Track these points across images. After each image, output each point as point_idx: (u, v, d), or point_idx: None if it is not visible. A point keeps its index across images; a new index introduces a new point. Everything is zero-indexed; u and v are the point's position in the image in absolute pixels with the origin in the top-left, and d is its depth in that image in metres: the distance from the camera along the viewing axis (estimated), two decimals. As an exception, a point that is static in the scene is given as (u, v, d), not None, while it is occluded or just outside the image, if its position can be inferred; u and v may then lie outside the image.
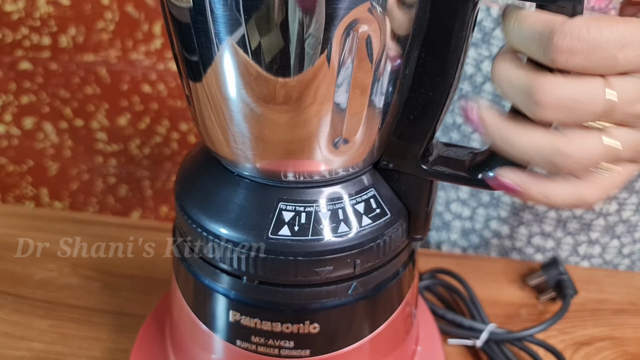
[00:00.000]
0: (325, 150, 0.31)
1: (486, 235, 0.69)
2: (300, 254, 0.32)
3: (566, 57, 0.26)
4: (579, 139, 0.28)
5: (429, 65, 0.30)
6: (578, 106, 0.27)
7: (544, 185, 0.30)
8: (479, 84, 0.62)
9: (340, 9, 0.26)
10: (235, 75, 0.29)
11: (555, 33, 0.26)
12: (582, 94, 0.27)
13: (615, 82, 0.27)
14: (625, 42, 0.26)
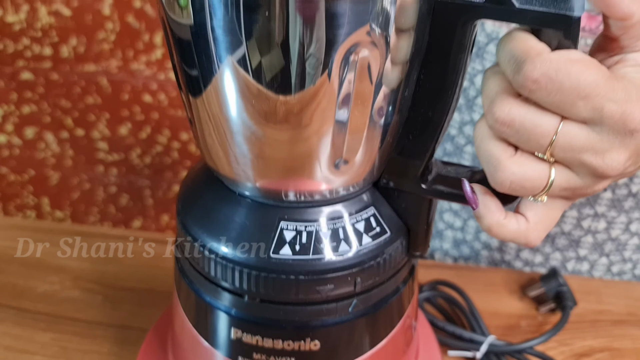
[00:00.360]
0: (325, 170, 0.32)
1: (476, 247, 0.70)
2: (302, 273, 0.33)
3: (530, 87, 0.27)
4: (523, 160, 0.29)
5: (428, 86, 0.31)
6: (527, 133, 0.28)
7: (498, 215, 0.32)
8: (471, 98, 0.62)
9: (340, 34, 0.27)
10: (236, 93, 0.30)
11: (526, 63, 0.27)
12: (533, 124, 0.28)
13: (571, 126, 0.28)
14: (588, 92, 0.27)
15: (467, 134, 0.65)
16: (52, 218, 1.26)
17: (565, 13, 0.27)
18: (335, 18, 0.26)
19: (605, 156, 0.28)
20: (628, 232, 0.63)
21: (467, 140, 0.65)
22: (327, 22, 0.26)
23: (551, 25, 0.28)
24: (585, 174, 0.29)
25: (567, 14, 0.27)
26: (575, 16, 0.27)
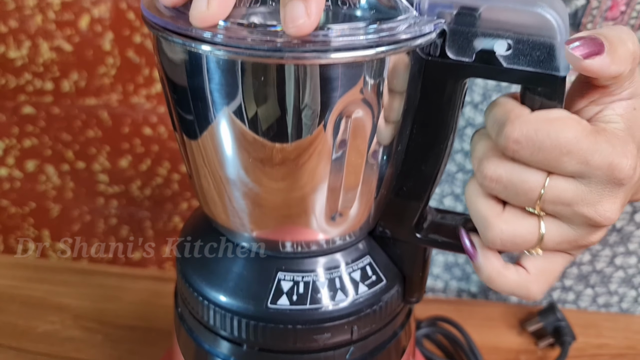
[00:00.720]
0: (322, 222, 0.33)
1: (467, 270, 0.70)
2: (299, 323, 0.33)
3: (513, 148, 0.28)
4: (510, 218, 0.30)
5: (420, 140, 0.32)
6: (515, 188, 0.29)
7: (498, 265, 0.32)
8: (460, 127, 0.63)
9: (334, 96, 0.28)
10: (232, 144, 0.31)
11: (507, 125, 0.28)
12: (520, 180, 0.29)
13: (558, 181, 0.29)
14: (570, 149, 0.27)
15: (457, 162, 0.65)
16: (52, 250, 1.26)
17: (551, 73, 0.28)
18: (329, 82, 0.27)
19: (597, 207, 0.29)
20: (613, 265, 0.64)
21: (458, 168, 0.66)
22: (322, 86, 0.27)
23: (538, 84, 0.28)
24: (579, 225, 0.30)
25: (553, 74, 0.28)
26: (560, 75, 0.28)
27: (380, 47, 0.27)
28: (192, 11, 0.27)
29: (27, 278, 0.68)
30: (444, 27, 0.29)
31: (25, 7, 1.01)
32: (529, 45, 0.28)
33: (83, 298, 0.64)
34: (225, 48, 0.27)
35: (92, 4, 1.00)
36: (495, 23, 0.28)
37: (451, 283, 0.72)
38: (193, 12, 0.27)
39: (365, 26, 0.27)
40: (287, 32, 0.25)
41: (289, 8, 0.25)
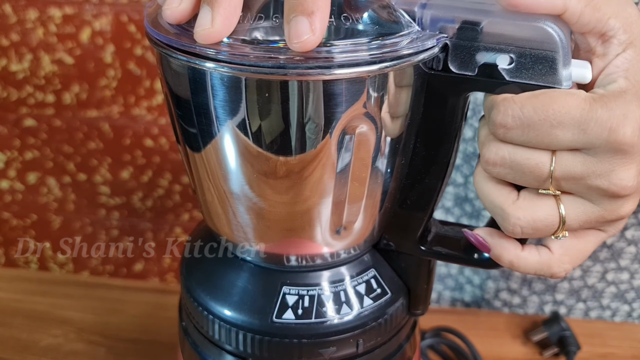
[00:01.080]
0: (327, 236, 0.33)
1: (460, 280, 0.70)
2: (304, 337, 0.33)
3: (503, 131, 0.28)
4: (527, 204, 0.29)
5: (424, 154, 0.32)
6: (520, 168, 0.28)
7: (514, 249, 0.31)
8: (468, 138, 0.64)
9: (337, 112, 0.28)
10: (235, 161, 0.31)
11: (492, 108, 0.28)
12: (524, 158, 0.28)
13: (563, 156, 0.28)
14: (560, 120, 0.27)
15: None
16: (54, 262, 1.26)
17: (553, 85, 0.28)
18: (333, 97, 0.27)
19: (611, 176, 0.27)
20: (604, 281, 0.63)
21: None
22: (325, 101, 0.27)
23: (540, 97, 0.29)
24: (598, 199, 0.29)
25: (555, 87, 0.28)
26: (563, 88, 0.28)
27: (383, 63, 0.27)
28: (196, 28, 0.27)
29: (30, 291, 0.67)
30: (447, 41, 0.29)
31: (27, 21, 1.02)
32: (531, 59, 0.28)
33: (86, 311, 0.64)
34: (229, 65, 0.27)
35: (93, 17, 1.01)
36: (498, 37, 0.28)
37: (444, 293, 0.72)
38: (197, 29, 0.27)
39: (368, 42, 0.27)
40: (291, 48, 0.26)
41: (294, 24, 0.25)
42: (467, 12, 0.29)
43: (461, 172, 0.66)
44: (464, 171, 0.65)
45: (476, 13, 0.29)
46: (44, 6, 1.00)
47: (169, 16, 0.29)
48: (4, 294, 0.67)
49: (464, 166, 0.65)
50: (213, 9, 0.26)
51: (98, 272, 1.26)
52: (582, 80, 0.29)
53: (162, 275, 1.25)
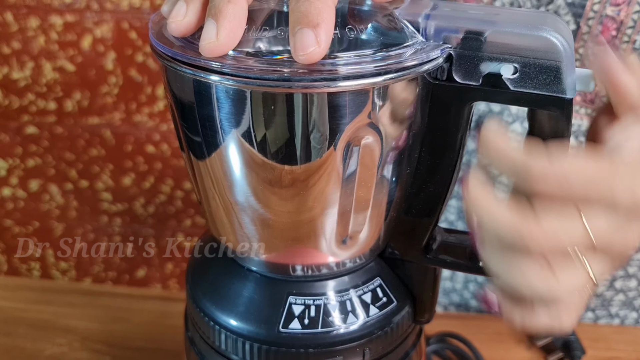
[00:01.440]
0: (332, 246, 0.33)
1: (466, 296, 0.70)
2: (311, 346, 0.33)
3: (545, 200, 0.27)
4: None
5: (429, 163, 0.32)
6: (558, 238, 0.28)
7: (525, 311, 0.31)
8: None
9: (342, 123, 0.28)
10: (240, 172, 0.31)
11: (529, 178, 0.27)
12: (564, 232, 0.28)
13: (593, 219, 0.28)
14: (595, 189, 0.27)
15: None
16: (56, 269, 1.26)
17: (558, 95, 0.28)
18: (337, 108, 0.27)
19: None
20: (613, 289, 0.63)
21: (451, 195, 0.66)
22: (330, 112, 0.28)
23: (545, 107, 0.29)
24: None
25: (559, 96, 0.28)
26: (567, 97, 0.28)
27: (388, 74, 0.27)
28: (201, 42, 0.27)
29: (34, 300, 0.68)
30: (451, 51, 0.29)
31: (28, 29, 1.02)
32: (535, 69, 0.28)
33: (90, 320, 0.64)
34: (234, 78, 0.27)
35: (94, 24, 1.01)
36: (502, 47, 0.28)
37: (450, 308, 0.72)
38: (202, 42, 0.27)
39: (373, 53, 0.27)
40: (297, 60, 0.26)
41: (299, 36, 0.25)
42: (470, 22, 0.29)
43: None
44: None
45: (480, 23, 0.29)
46: (45, 14, 1.01)
47: (173, 29, 0.29)
48: (7, 303, 0.67)
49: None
50: (218, 22, 0.26)
51: (100, 279, 1.26)
52: (586, 89, 0.29)
53: (164, 282, 1.25)
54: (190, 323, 0.38)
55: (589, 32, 0.52)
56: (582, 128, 0.56)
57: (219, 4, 0.26)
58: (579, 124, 0.56)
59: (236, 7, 0.27)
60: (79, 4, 1.00)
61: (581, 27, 0.52)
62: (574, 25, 0.52)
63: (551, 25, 0.28)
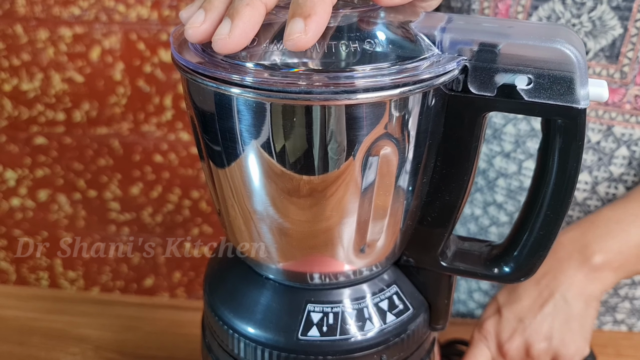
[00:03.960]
0: (350, 254, 0.33)
1: (471, 306, 0.71)
2: (329, 354, 0.34)
3: None
4: None
5: (444, 172, 0.32)
6: None
7: None
8: (492, 179, 0.64)
9: (360, 134, 0.29)
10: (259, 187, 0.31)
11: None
12: None
13: None
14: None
15: (491, 215, 0.66)
16: (64, 278, 1.27)
17: (571, 105, 0.29)
18: (355, 120, 0.28)
19: None
20: (617, 296, 0.64)
21: (492, 222, 0.66)
22: (347, 123, 0.28)
23: (558, 116, 0.29)
24: None
25: (573, 106, 0.29)
26: (581, 107, 0.29)
27: (406, 87, 0.27)
28: (214, 36, 0.27)
29: (46, 309, 0.68)
30: (466, 63, 0.29)
31: (38, 41, 1.03)
32: (549, 80, 0.29)
33: (103, 329, 0.65)
34: (256, 91, 0.28)
35: (103, 35, 1.02)
36: (516, 58, 0.29)
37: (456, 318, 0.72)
38: (215, 37, 0.27)
39: (390, 66, 0.28)
40: (286, 46, 0.26)
41: (290, 25, 0.26)
42: (485, 35, 0.30)
43: (505, 210, 0.65)
44: (509, 208, 0.64)
45: (494, 36, 0.29)
46: (54, 26, 1.02)
47: (191, 35, 0.29)
48: (21, 313, 0.67)
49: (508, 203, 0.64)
50: (233, 21, 0.27)
51: (108, 288, 1.26)
52: (600, 99, 0.30)
53: (172, 291, 1.25)
54: (207, 331, 0.39)
55: (638, 34, 0.52)
56: (633, 137, 0.56)
57: (238, 5, 0.27)
58: (630, 133, 0.56)
59: (253, 10, 0.27)
60: (88, 15, 1.01)
61: (629, 30, 0.52)
62: (621, 29, 0.52)
63: (564, 37, 0.29)
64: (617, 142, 0.57)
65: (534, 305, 0.51)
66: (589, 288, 0.51)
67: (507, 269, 0.34)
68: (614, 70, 0.54)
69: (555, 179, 0.32)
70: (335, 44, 0.29)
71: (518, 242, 0.34)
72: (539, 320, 0.50)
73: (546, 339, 0.51)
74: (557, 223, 0.33)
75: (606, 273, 0.51)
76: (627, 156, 0.57)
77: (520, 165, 0.61)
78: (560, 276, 0.51)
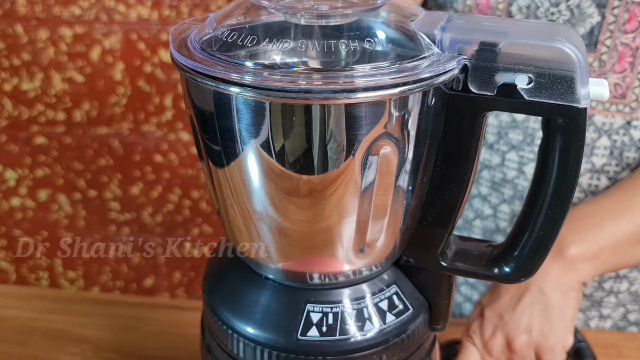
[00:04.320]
0: (349, 254, 0.33)
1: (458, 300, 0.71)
2: (329, 354, 0.33)
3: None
4: None
5: (444, 172, 0.32)
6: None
7: None
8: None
9: (360, 134, 0.28)
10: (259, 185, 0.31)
11: None
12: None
13: None
14: None
15: (475, 208, 0.66)
16: (64, 278, 1.27)
17: (572, 104, 0.29)
18: (354, 119, 0.28)
19: None
20: (602, 290, 0.64)
21: (476, 215, 0.66)
22: (347, 122, 0.28)
23: (559, 116, 0.29)
24: None
25: (574, 105, 0.29)
26: (581, 106, 0.29)
27: (405, 86, 0.27)
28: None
29: (46, 309, 0.68)
30: (466, 62, 0.29)
31: (38, 41, 1.03)
32: (549, 79, 0.28)
33: (102, 329, 0.65)
34: (255, 90, 0.27)
35: (103, 35, 1.02)
36: (516, 58, 0.29)
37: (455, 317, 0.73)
38: None
39: (389, 65, 0.28)
40: None
41: None
42: (485, 34, 0.29)
43: (489, 202, 0.65)
44: (493, 200, 0.65)
45: (494, 35, 0.29)
46: (54, 26, 1.02)
47: None
48: (20, 313, 0.67)
49: (492, 195, 0.65)
50: None
51: (108, 288, 1.26)
52: (600, 98, 0.29)
53: (172, 291, 1.25)
54: (207, 331, 0.39)
55: (615, 21, 0.52)
56: (614, 126, 0.56)
57: None
58: (610, 122, 0.56)
59: None
60: (88, 15, 1.01)
61: (606, 17, 0.52)
62: (598, 17, 0.52)
63: (564, 36, 0.28)
64: (598, 131, 0.57)
65: (512, 301, 0.52)
66: (564, 278, 0.52)
67: (507, 269, 0.34)
68: (593, 59, 0.54)
69: (556, 178, 0.31)
70: (334, 42, 0.28)
71: (518, 242, 0.34)
72: (518, 314, 0.51)
73: (526, 331, 0.51)
74: (557, 223, 0.32)
75: (581, 264, 0.52)
76: (608, 146, 0.57)
77: (504, 157, 0.61)
78: None
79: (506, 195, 0.63)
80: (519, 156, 0.61)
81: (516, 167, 0.61)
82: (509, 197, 0.63)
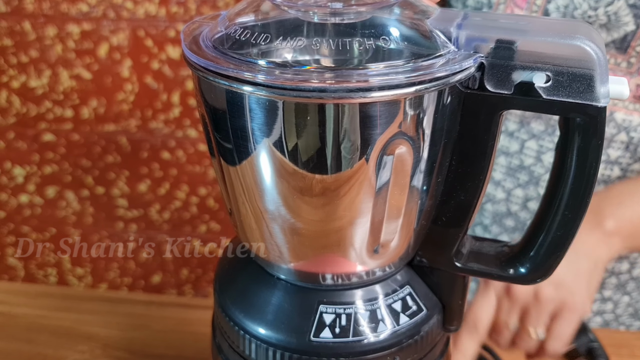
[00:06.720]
0: (363, 255, 0.33)
1: None
2: (342, 355, 0.33)
3: None
4: None
5: (459, 171, 0.32)
6: None
7: None
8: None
9: (374, 133, 0.28)
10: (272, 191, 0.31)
11: None
12: None
13: None
14: None
15: (487, 192, 0.66)
16: (72, 275, 1.27)
17: (591, 103, 0.28)
18: (369, 118, 0.28)
19: None
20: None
21: (487, 199, 0.66)
22: (361, 122, 0.28)
23: (578, 115, 0.29)
24: None
25: (593, 104, 0.28)
26: (601, 105, 0.28)
27: (421, 85, 0.27)
28: None
29: (54, 307, 0.68)
30: (483, 60, 0.29)
31: (46, 37, 1.03)
32: (568, 77, 0.28)
33: (111, 327, 0.65)
34: (268, 88, 0.27)
35: (111, 32, 1.02)
36: (534, 55, 0.28)
37: None
38: None
39: (404, 64, 0.27)
40: None
41: None
42: (501, 32, 0.29)
43: (502, 187, 0.66)
44: (507, 185, 0.65)
45: (511, 32, 0.29)
46: (62, 23, 1.02)
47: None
48: (29, 310, 0.67)
49: (506, 180, 0.65)
50: None
51: (116, 285, 1.27)
52: (620, 96, 0.29)
53: (179, 288, 1.25)
54: (218, 331, 0.39)
55: None
56: (633, 124, 0.59)
57: None
58: (630, 119, 0.58)
59: None
60: (96, 12, 1.01)
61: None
62: (633, 26, 0.54)
63: (584, 34, 0.28)
64: (617, 127, 0.59)
65: None
66: (597, 251, 0.53)
67: (523, 269, 0.34)
68: (622, 59, 0.56)
69: (574, 178, 0.31)
70: (349, 40, 0.28)
71: (535, 242, 0.34)
72: None
73: (555, 285, 0.51)
74: (575, 223, 0.32)
75: (615, 239, 0.53)
76: (625, 141, 0.59)
77: (523, 144, 0.63)
78: None
79: (521, 181, 0.64)
80: (538, 145, 0.62)
81: (534, 155, 0.63)
82: (524, 182, 0.64)
